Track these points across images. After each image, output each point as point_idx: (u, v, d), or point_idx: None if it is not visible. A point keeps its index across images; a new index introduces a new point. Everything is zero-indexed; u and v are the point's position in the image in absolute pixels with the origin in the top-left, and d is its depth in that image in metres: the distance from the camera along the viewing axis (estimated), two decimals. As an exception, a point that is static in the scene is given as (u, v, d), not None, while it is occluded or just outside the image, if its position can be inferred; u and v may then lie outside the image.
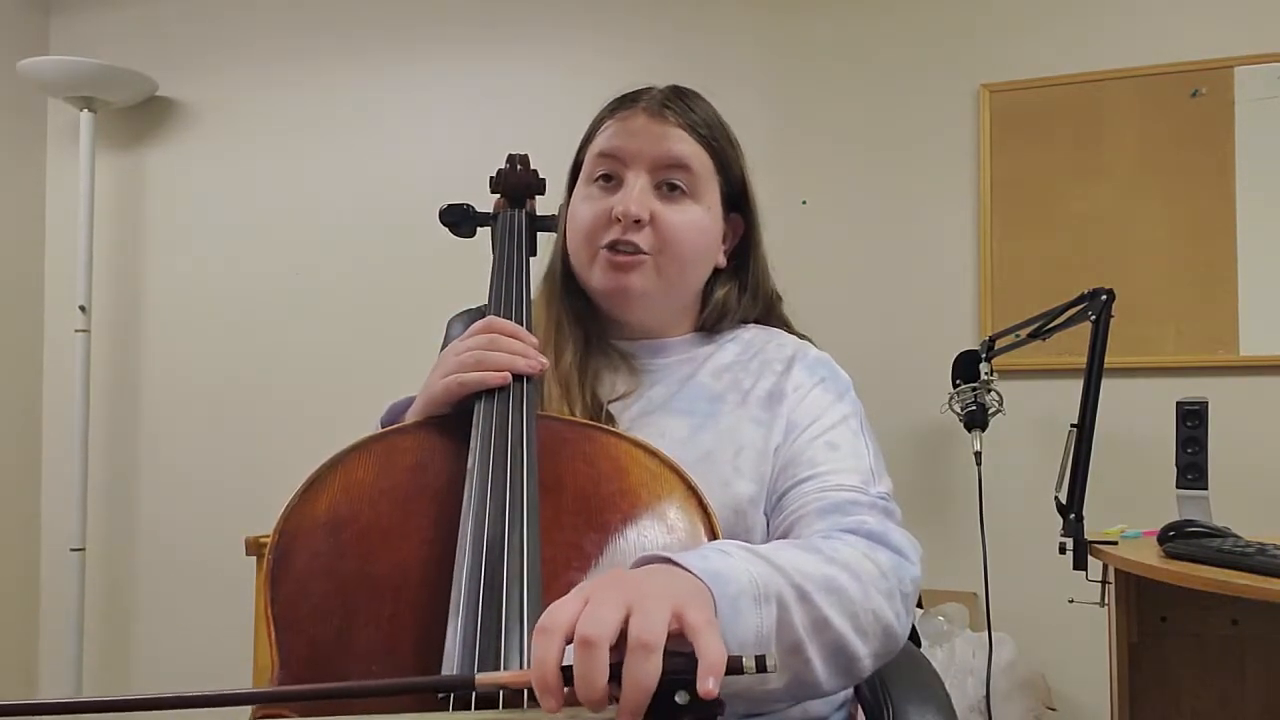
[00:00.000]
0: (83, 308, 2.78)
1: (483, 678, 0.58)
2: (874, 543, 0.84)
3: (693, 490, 0.83)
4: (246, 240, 2.84)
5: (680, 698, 0.56)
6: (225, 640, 2.62)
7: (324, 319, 2.75)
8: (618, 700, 0.56)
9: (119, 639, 2.90)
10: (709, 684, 0.55)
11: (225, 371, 2.83)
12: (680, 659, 0.57)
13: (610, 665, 0.56)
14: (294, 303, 2.78)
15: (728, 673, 0.57)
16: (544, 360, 0.92)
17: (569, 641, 0.57)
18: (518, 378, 0.89)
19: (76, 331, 2.77)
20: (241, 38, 2.88)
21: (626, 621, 0.57)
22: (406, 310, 2.62)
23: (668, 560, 0.68)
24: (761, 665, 0.57)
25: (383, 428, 0.96)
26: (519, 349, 0.91)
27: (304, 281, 2.78)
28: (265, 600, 0.74)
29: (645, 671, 0.56)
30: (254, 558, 2.32)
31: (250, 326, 2.82)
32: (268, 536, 2.70)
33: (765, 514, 0.94)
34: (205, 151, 2.90)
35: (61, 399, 2.88)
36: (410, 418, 0.92)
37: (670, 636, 0.57)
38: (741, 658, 0.58)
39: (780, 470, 0.95)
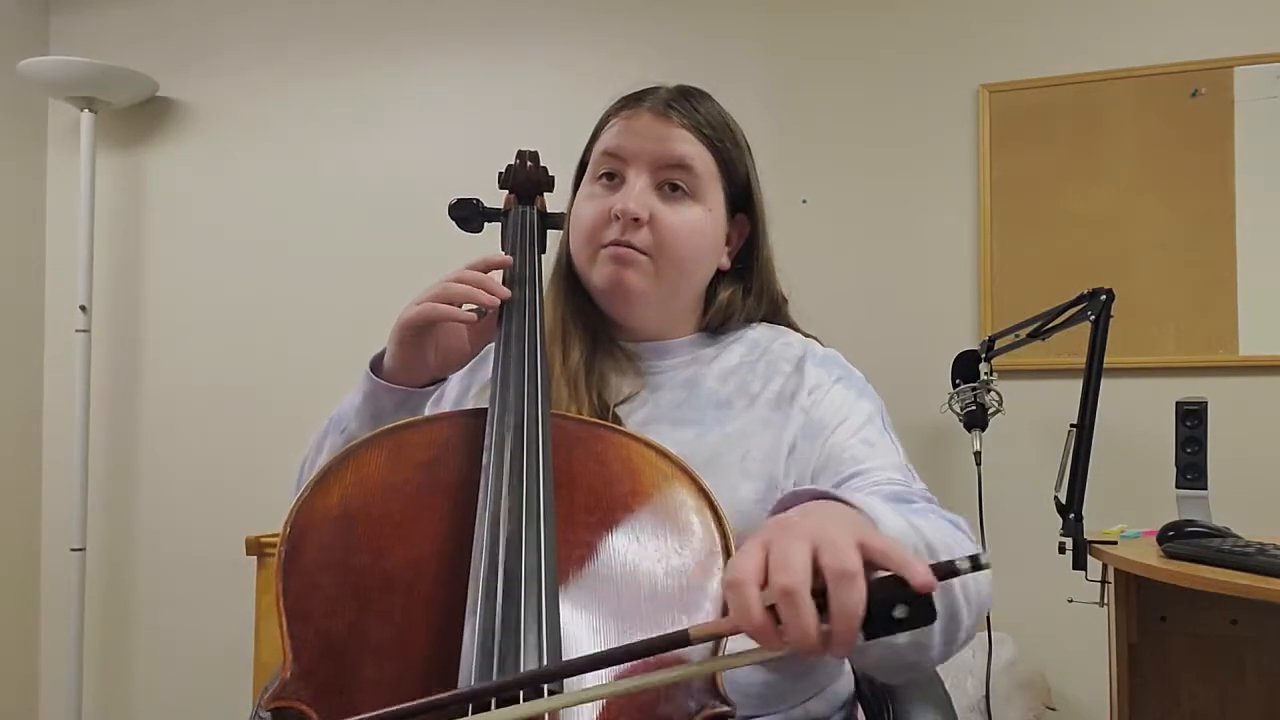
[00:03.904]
0: (83, 308, 2.78)
1: (696, 630, 0.59)
2: (948, 523, 0.83)
3: (704, 492, 0.83)
4: (247, 240, 2.84)
5: (899, 611, 0.56)
6: (226, 640, 2.63)
7: (325, 319, 2.75)
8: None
9: (119, 639, 2.90)
10: (926, 576, 0.55)
11: (226, 371, 2.83)
12: (881, 578, 0.57)
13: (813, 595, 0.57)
14: (295, 302, 2.78)
15: (943, 577, 0.57)
16: (505, 292, 0.96)
17: (762, 588, 0.57)
18: (529, 369, 0.90)
19: (76, 331, 2.77)
20: (242, 38, 2.88)
21: (816, 559, 0.57)
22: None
23: (825, 496, 0.69)
24: (977, 564, 0.57)
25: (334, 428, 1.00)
26: (481, 280, 0.95)
27: (305, 281, 2.78)
28: (277, 592, 0.74)
29: (853, 600, 0.56)
30: (254, 557, 2.32)
31: (251, 326, 2.82)
32: (268, 536, 2.70)
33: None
34: (205, 151, 2.90)
35: (61, 399, 2.88)
36: (388, 361, 0.98)
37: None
38: (953, 561, 0.57)
39: (820, 469, 0.94)
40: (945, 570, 0.57)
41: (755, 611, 0.56)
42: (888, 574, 0.57)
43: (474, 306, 0.96)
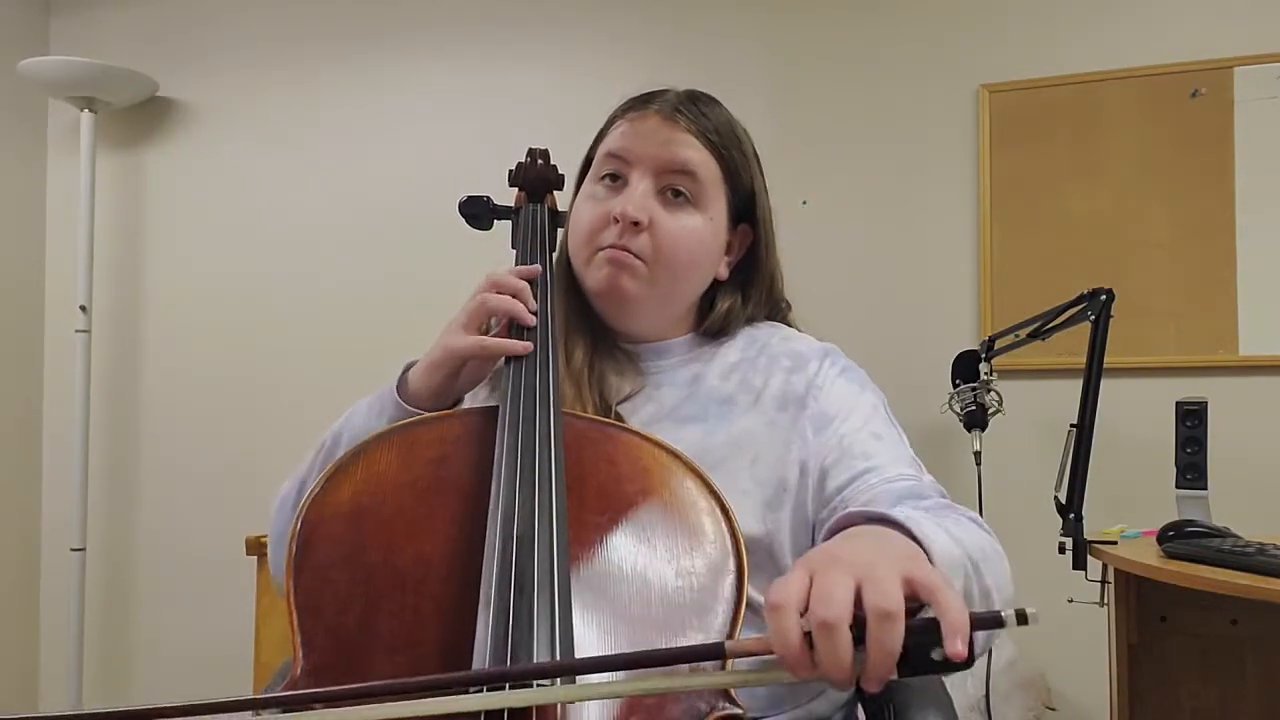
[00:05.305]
0: (83, 308, 2.78)
1: (732, 645, 0.60)
2: (973, 524, 0.83)
3: (714, 493, 0.83)
4: (246, 240, 2.84)
5: (938, 654, 0.56)
6: (226, 640, 2.62)
7: (324, 318, 2.75)
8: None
9: (119, 639, 2.90)
10: (957, 645, 0.55)
11: (225, 371, 2.83)
12: (922, 620, 0.57)
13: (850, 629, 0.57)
14: (294, 302, 2.78)
15: (983, 628, 0.57)
16: (531, 317, 0.96)
17: (802, 614, 0.58)
18: (540, 369, 0.90)
19: (76, 331, 2.77)
20: (242, 38, 2.88)
21: (859, 592, 0.58)
22: (408, 310, 2.62)
23: (881, 519, 0.70)
24: (1022, 618, 0.56)
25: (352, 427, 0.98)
26: (515, 297, 0.95)
27: (304, 281, 2.78)
28: (287, 588, 0.74)
29: (891, 639, 0.56)
30: (254, 557, 2.32)
31: (250, 326, 2.82)
32: (267, 536, 2.65)
33: (787, 514, 0.94)
34: (205, 151, 2.90)
35: (61, 399, 2.88)
36: (419, 386, 0.94)
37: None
38: (999, 613, 0.57)
39: (833, 463, 0.94)
40: (986, 621, 0.57)
41: (794, 638, 0.57)
42: (931, 617, 0.58)
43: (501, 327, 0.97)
